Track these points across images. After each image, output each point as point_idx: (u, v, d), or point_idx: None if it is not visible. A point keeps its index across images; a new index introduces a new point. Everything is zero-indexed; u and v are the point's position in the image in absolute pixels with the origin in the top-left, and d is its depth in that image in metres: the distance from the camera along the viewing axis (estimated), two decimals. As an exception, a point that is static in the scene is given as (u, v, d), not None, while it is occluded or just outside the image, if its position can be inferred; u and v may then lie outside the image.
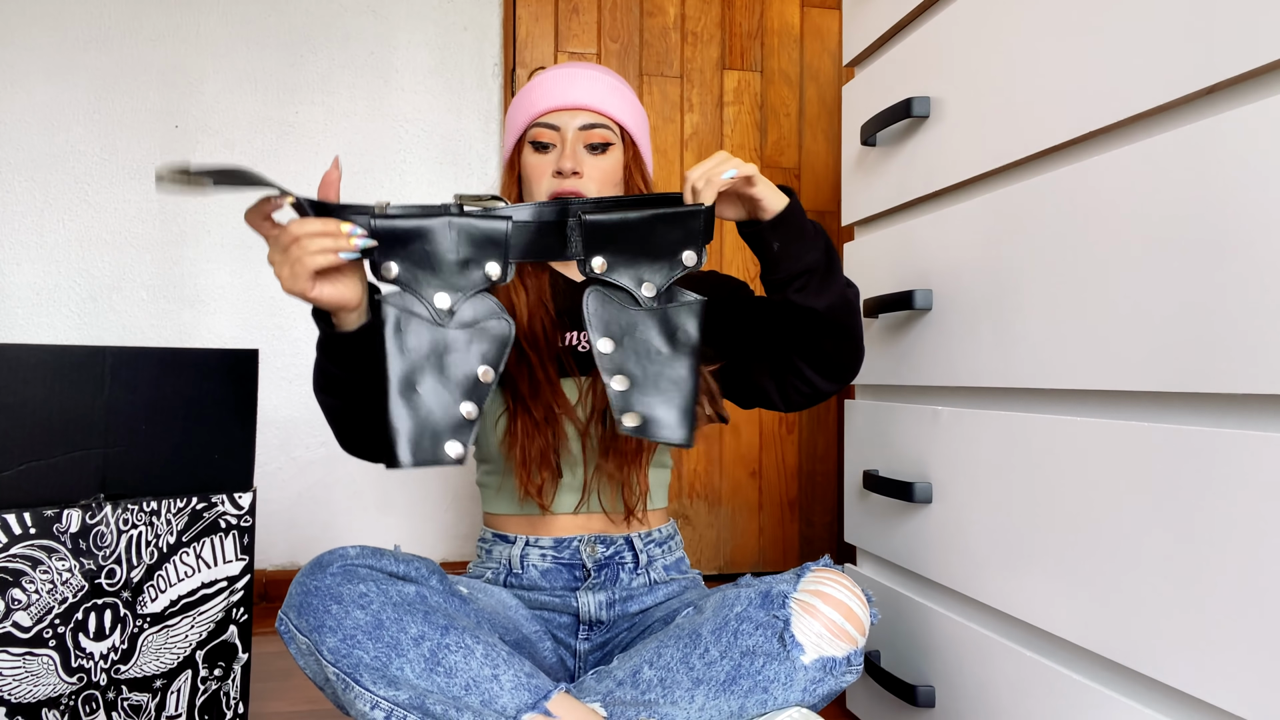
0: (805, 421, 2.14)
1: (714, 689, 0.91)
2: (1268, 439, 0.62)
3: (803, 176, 2.15)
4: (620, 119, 1.15)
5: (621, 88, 1.18)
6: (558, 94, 1.13)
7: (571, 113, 1.13)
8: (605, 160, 1.13)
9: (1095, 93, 0.79)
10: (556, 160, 1.12)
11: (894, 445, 1.17)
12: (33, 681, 0.98)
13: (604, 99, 1.15)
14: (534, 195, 1.13)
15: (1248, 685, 0.63)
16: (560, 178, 1.11)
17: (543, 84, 1.16)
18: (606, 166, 1.13)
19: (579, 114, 1.13)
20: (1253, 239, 0.63)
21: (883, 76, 1.20)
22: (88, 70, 1.91)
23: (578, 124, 1.13)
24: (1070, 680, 0.82)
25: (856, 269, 1.28)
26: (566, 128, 1.12)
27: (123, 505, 1.05)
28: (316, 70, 1.99)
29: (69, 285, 1.90)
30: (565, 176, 1.11)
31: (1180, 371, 0.70)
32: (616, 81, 1.18)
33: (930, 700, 1.04)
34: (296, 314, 1.98)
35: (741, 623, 0.94)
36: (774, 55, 2.14)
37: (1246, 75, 0.65)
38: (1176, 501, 0.70)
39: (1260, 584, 0.63)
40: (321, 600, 0.90)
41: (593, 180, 1.12)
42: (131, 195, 1.93)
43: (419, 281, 0.87)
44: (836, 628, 0.92)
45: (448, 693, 0.88)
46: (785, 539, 2.14)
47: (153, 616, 1.09)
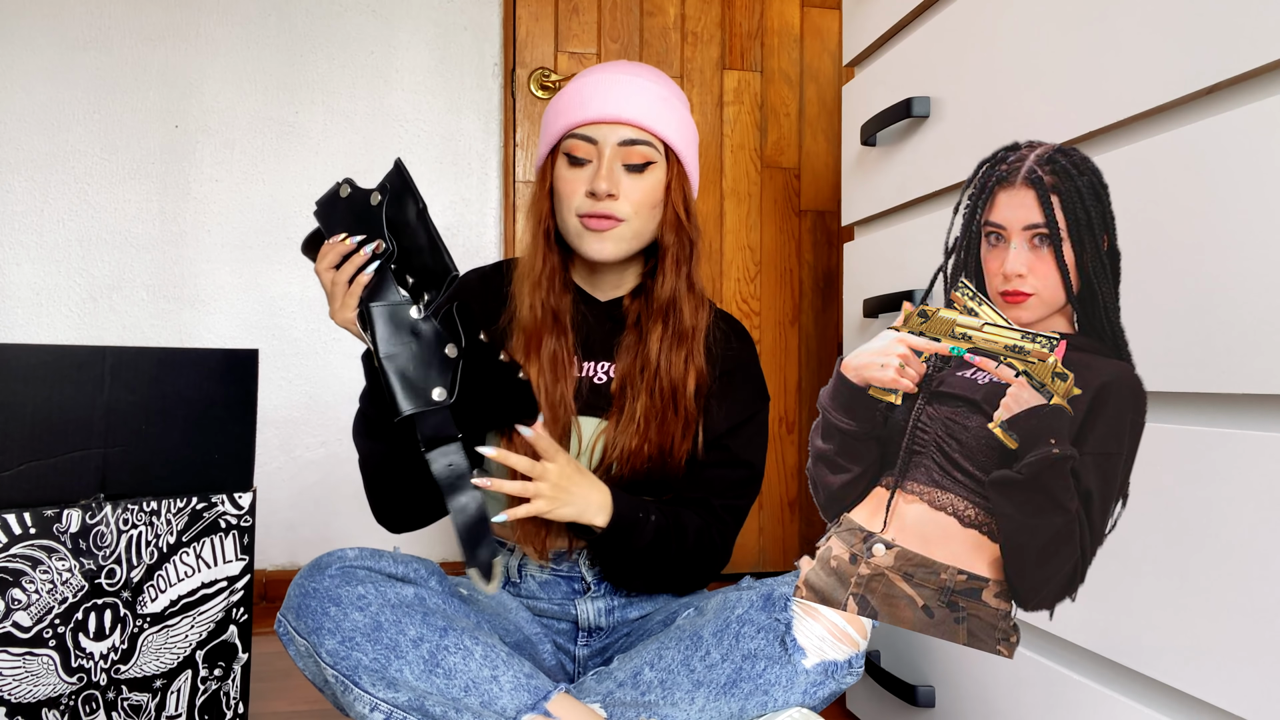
0: (805, 421, 2.14)
1: (715, 691, 0.91)
2: (1268, 439, 0.62)
3: (803, 176, 2.15)
4: (665, 135, 1.04)
5: (671, 98, 1.07)
6: (597, 103, 1.03)
7: (611, 126, 1.02)
8: (645, 181, 1.03)
9: (1095, 93, 0.79)
10: (591, 179, 1.02)
11: (894, 445, 1.17)
12: (33, 681, 0.98)
13: (648, 112, 1.03)
14: (564, 212, 1.05)
15: (1248, 685, 0.63)
16: (594, 199, 1.02)
17: (582, 89, 1.05)
18: (646, 187, 1.04)
19: (619, 128, 1.02)
20: (1253, 239, 0.63)
21: (883, 76, 1.20)
22: (88, 70, 1.91)
23: (617, 139, 1.02)
24: (1070, 680, 0.81)
25: (857, 269, 1.28)
26: (604, 142, 1.02)
27: (123, 505, 1.05)
28: (316, 70, 1.99)
29: (69, 285, 1.90)
30: (599, 199, 1.02)
31: (1180, 371, 0.70)
32: (666, 90, 1.06)
33: (930, 700, 1.04)
34: (296, 314, 1.98)
35: (743, 625, 0.93)
36: (774, 55, 2.14)
37: (1246, 75, 0.65)
38: (1176, 501, 0.70)
39: (1260, 584, 0.63)
40: (320, 602, 0.90)
41: (629, 202, 1.03)
42: (131, 195, 1.93)
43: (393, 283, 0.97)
44: (838, 631, 0.92)
45: (447, 694, 0.88)
46: (785, 539, 2.14)
47: (153, 616, 1.09)
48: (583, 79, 1.06)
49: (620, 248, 1.04)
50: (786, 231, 2.13)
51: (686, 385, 1.05)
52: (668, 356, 1.05)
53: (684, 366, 1.05)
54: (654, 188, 1.04)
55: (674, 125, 1.05)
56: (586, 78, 1.06)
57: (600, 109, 1.02)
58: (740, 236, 2.11)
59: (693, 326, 1.06)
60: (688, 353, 1.06)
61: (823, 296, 2.14)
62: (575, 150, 1.03)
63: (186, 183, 1.95)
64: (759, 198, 2.12)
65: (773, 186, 2.13)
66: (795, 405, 2.13)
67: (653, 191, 1.04)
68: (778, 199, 2.13)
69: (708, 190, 2.10)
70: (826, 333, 2.15)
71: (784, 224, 2.13)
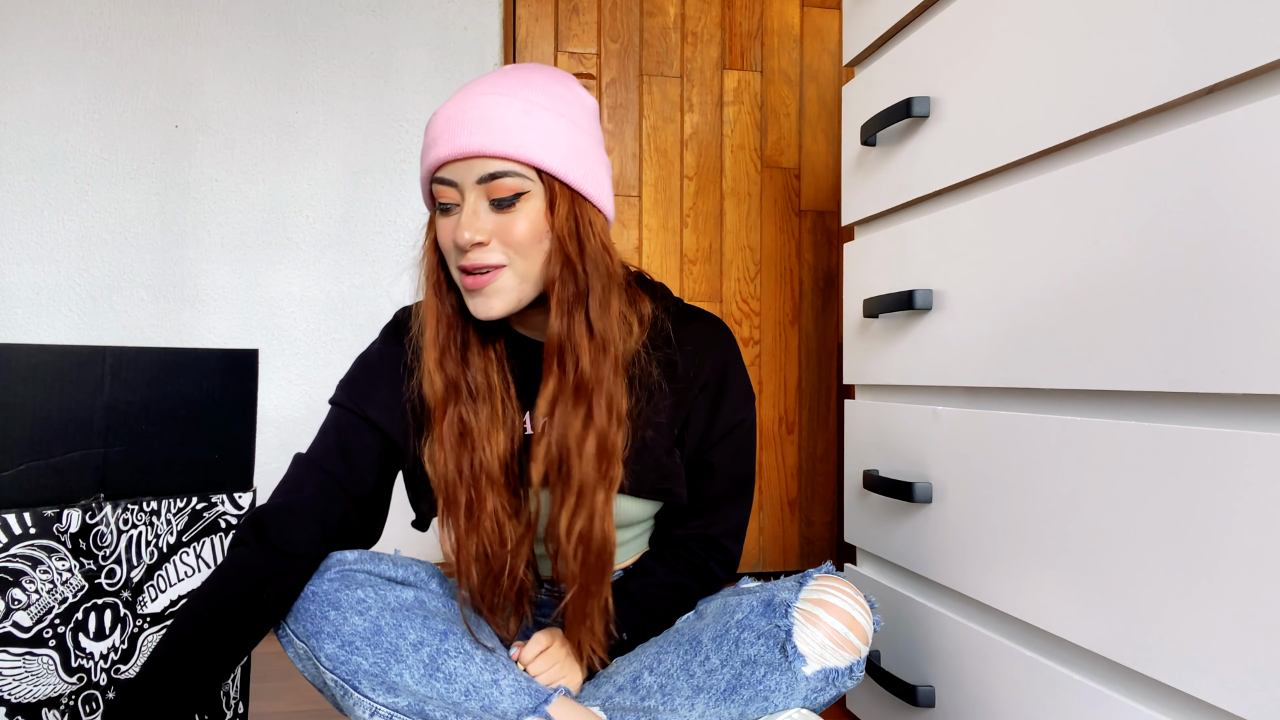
0: (805, 421, 2.14)
1: (714, 697, 0.91)
2: (1268, 439, 0.62)
3: (803, 177, 2.15)
4: (531, 157, 0.86)
5: (539, 107, 0.88)
6: (446, 139, 0.87)
7: (465, 163, 0.87)
8: (517, 216, 0.87)
9: (1094, 93, 0.79)
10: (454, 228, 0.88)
11: (894, 445, 1.17)
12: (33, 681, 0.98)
13: (503, 135, 0.86)
14: (450, 268, 0.92)
15: (1248, 685, 0.63)
16: (462, 253, 0.88)
17: (434, 125, 0.89)
18: (520, 222, 0.87)
19: (473, 163, 0.86)
20: (1253, 239, 0.63)
21: (883, 76, 1.20)
22: (88, 70, 1.91)
23: (474, 177, 0.87)
24: (1070, 680, 0.81)
25: (857, 269, 1.28)
26: (463, 183, 0.87)
27: (123, 505, 1.05)
28: (316, 70, 1.99)
29: (69, 285, 1.90)
30: (465, 249, 0.87)
31: (1180, 371, 0.70)
32: (531, 100, 0.88)
33: (930, 700, 1.04)
34: (296, 314, 1.98)
35: (743, 631, 0.93)
36: (774, 55, 2.14)
37: (1246, 75, 0.65)
38: (1176, 501, 0.70)
39: (1260, 584, 0.63)
40: (319, 606, 0.90)
41: (507, 245, 0.88)
42: (131, 195, 1.93)
43: None
44: (840, 637, 0.91)
45: (447, 698, 0.87)
46: (785, 539, 2.14)
47: (153, 616, 1.09)
48: (441, 110, 0.90)
49: (506, 300, 0.89)
50: (786, 231, 2.13)
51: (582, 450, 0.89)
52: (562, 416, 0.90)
53: (581, 428, 0.90)
54: (531, 221, 0.87)
55: (543, 141, 0.87)
56: (441, 110, 0.90)
57: (450, 146, 0.87)
58: (740, 236, 2.11)
59: (594, 379, 0.89)
60: (586, 411, 0.90)
61: (823, 296, 2.14)
62: (441, 196, 0.89)
63: (186, 182, 1.95)
64: (759, 198, 2.12)
65: (773, 186, 2.13)
66: (795, 405, 2.13)
67: (531, 226, 0.87)
68: (778, 199, 2.13)
69: (708, 190, 2.10)
70: (826, 333, 2.15)
71: (784, 224, 2.13)
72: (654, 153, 2.08)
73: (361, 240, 2.01)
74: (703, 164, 2.10)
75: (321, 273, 1.99)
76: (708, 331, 1.02)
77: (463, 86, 0.93)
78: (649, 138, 2.08)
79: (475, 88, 0.89)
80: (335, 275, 2.00)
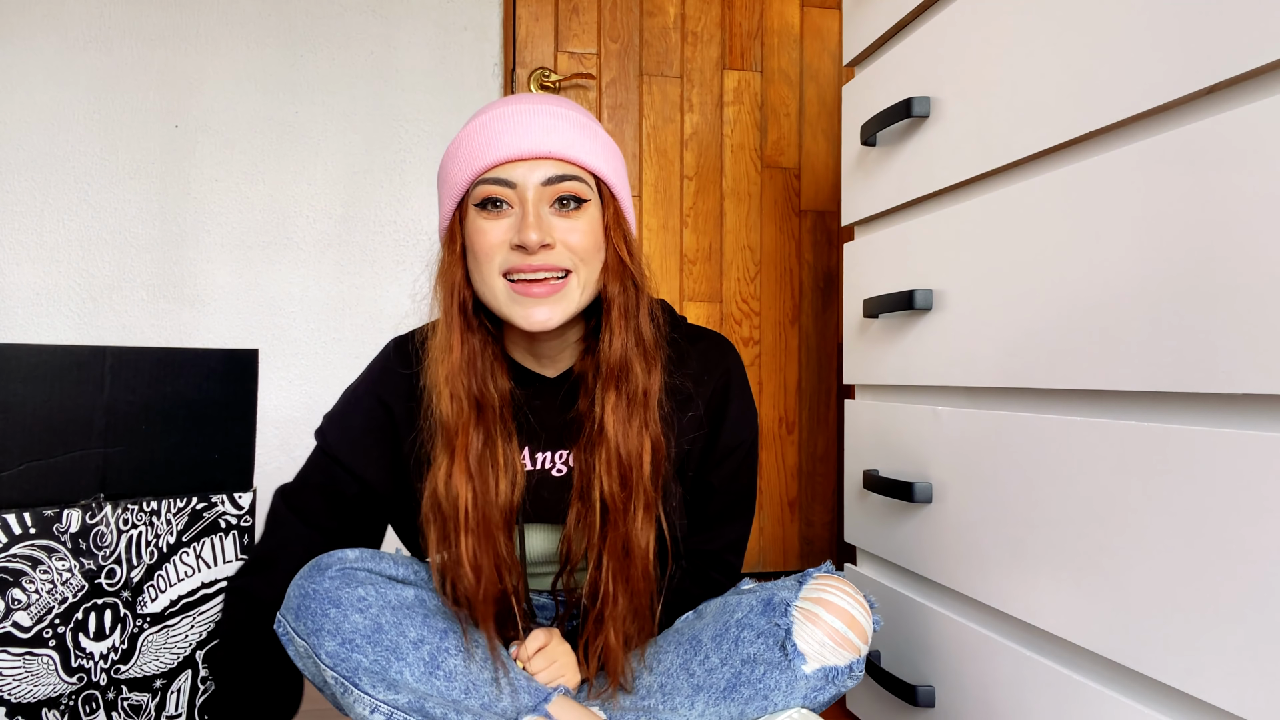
0: (805, 421, 2.14)
1: (714, 696, 0.91)
2: (1268, 439, 0.62)
3: (803, 177, 2.15)
4: (595, 167, 0.88)
5: (591, 124, 0.90)
6: (509, 138, 0.85)
7: (531, 163, 0.85)
8: (581, 222, 0.87)
9: (1095, 93, 0.79)
10: (515, 228, 0.85)
11: (894, 445, 1.17)
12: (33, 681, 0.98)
13: (573, 142, 0.86)
14: (487, 274, 0.87)
15: (1248, 685, 0.63)
16: (523, 253, 0.85)
17: (488, 126, 0.87)
18: (584, 230, 0.87)
19: (541, 164, 0.85)
20: (1252, 239, 0.63)
21: (883, 76, 1.20)
22: (88, 70, 1.91)
23: (540, 178, 0.85)
24: (1070, 680, 0.81)
25: (857, 269, 1.28)
26: (525, 184, 0.85)
27: (123, 505, 1.05)
28: (316, 70, 1.99)
29: (69, 285, 1.90)
30: (531, 252, 0.84)
31: (1180, 371, 0.70)
32: (584, 117, 0.90)
33: (930, 700, 1.04)
34: (296, 314, 1.98)
35: (742, 630, 0.93)
36: (774, 55, 2.14)
37: (1246, 75, 0.65)
38: (1176, 501, 0.70)
39: (1260, 584, 0.63)
40: (320, 604, 0.90)
41: (571, 251, 0.86)
42: (131, 195, 1.93)
43: None
44: (839, 636, 0.91)
45: (447, 696, 0.87)
46: (785, 539, 2.14)
47: (153, 616, 1.09)
48: (486, 115, 0.88)
49: (568, 309, 0.88)
50: (786, 231, 2.13)
51: (643, 460, 0.90)
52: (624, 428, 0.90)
53: (639, 439, 0.90)
54: (593, 229, 0.88)
55: (603, 155, 0.89)
56: (490, 112, 0.88)
57: (515, 144, 0.85)
58: (740, 236, 2.11)
59: (645, 390, 0.91)
60: (641, 422, 0.90)
61: (823, 296, 2.14)
62: (493, 194, 0.86)
63: (186, 182, 1.95)
64: (759, 198, 2.12)
65: (773, 186, 2.13)
66: (795, 405, 2.13)
67: (592, 233, 0.87)
68: (778, 199, 2.13)
69: (708, 190, 2.10)
70: (826, 333, 2.15)
71: (784, 224, 2.13)
72: (654, 153, 2.08)
73: (361, 240, 2.01)
74: (703, 164, 2.10)
75: (321, 273, 1.99)
76: (712, 352, 1.01)
77: (497, 101, 0.92)
78: (649, 138, 2.08)
79: (522, 100, 0.89)
80: (335, 275, 2.00)
